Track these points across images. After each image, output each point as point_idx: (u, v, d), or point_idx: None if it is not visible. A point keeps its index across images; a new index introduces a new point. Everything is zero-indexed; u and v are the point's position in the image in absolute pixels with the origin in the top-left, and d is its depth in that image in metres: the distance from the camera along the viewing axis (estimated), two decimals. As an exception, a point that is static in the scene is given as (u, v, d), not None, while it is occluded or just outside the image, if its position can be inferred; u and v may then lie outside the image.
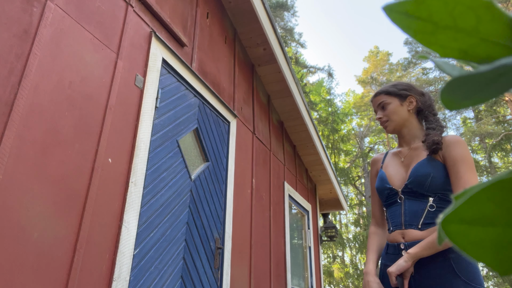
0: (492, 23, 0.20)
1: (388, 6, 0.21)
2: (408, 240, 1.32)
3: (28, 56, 1.51)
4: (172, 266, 2.21)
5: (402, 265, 1.23)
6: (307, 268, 5.36)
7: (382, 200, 1.48)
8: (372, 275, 1.36)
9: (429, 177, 1.31)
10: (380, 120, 1.48)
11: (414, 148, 1.44)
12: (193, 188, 2.59)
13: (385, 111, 1.47)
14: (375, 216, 1.57)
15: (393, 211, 1.41)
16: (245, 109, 3.73)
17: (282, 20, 16.88)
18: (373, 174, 1.61)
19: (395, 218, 1.39)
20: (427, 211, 1.31)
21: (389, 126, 1.47)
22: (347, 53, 58.87)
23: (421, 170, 1.34)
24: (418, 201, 1.34)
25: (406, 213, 1.35)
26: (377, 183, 1.49)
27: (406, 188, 1.37)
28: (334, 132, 16.41)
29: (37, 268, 1.41)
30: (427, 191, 1.32)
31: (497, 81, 0.19)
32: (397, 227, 1.37)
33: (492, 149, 15.43)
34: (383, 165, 1.53)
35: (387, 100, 1.47)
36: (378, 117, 1.48)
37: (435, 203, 1.31)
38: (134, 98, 2.12)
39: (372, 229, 1.55)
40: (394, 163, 1.49)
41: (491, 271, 2.59)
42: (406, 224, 1.34)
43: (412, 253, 1.24)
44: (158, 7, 2.44)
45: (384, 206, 1.50)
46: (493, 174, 14.62)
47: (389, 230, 1.43)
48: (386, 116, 1.46)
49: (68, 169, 1.62)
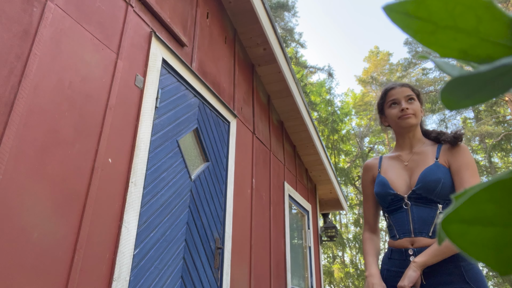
0: (492, 23, 0.20)
1: (388, 6, 0.21)
2: (418, 246, 1.29)
3: (28, 56, 1.51)
4: (172, 266, 2.21)
5: (413, 276, 1.20)
6: (307, 268, 5.36)
7: (384, 206, 1.44)
8: (377, 277, 1.32)
9: (440, 183, 1.29)
10: (406, 111, 1.41)
11: (417, 153, 1.41)
12: (193, 188, 2.59)
13: (412, 105, 1.43)
14: (369, 222, 1.53)
15: (398, 218, 1.36)
16: (245, 109, 3.73)
17: (282, 20, 16.89)
18: (367, 179, 1.55)
19: (403, 225, 1.34)
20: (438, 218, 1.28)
21: (412, 119, 1.41)
22: (347, 53, 58.90)
23: (431, 175, 1.31)
24: (427, 208, 1.30)
25: (415, 220, 1.31)
26: (378, 189, 1.44)
27: (413, 194, 1.33)
28: (334, 132, 16.41)
29: (37, 268, 1.41)
30: (437, 197, 1.29)
31: (497, 81, 0.19)
32: (406, 234, 1.33)
33: (492, 149, 15.44)
34: (380, 170, 1.48)
35: (414, 96, 1.45)
36: (406, 107, 1.41)
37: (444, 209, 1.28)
38: (134, 98, 2.12)
39: (366, 234, 1.51)
40: (394, 167, 1.44)
41: (491, 271, 2.59)
42: (416, 232, 1.30)
43: (419, 262, 1.21)
44: (158, 7, 2.44)
45: (385, 213, 1.45)
46: (493, 174, 14.62)
47: (394, 237, 1.38)
48: (413, 110, 1.42)
49: (68, 169, 1.62)
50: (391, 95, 1.47)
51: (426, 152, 1.39)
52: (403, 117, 1.41)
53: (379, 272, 1.36)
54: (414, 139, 1.45)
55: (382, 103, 1.51)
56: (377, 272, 1.34)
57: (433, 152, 1.38)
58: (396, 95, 1.45)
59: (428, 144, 1.43)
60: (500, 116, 16.18)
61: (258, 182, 3.78)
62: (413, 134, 1.44)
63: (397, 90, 1.46)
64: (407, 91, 1.44)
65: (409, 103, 1.43)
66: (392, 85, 1.49)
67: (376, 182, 1.47)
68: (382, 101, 1.52)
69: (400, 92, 1.45)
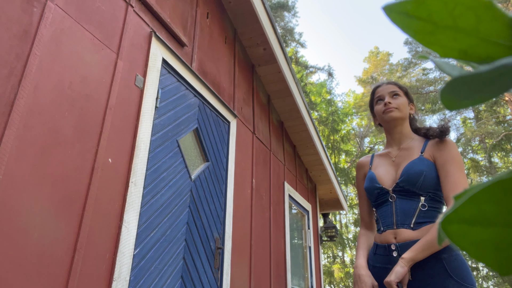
0: (492, 23, 0.20)
1: (388, 6, 0.21)
2: (400, 240, 1.31)
3: (28, 56, 1.51)
4: (172, 266, 2.21)
5: (400, 272, 1.21)
6: (307, 268, 5.36)
7: (372, 200, 1.47)
8: (364, 268, 1.35)
9: (422, 175, 1.31)
10: (389, 105, 1.45)
11: (405, 148, 1.44)
12: (193, 188, 2.59)
13: (396, 100, 1.46)
14: (364, 220, 1.57)
15: (383, 211, 1.40)
16: (245, 109, 3.73)
17: (282, 20, 16.89)
18: (360, 177, 1.60)
19: (386, 217, 1.38)
20: (419, 210, 1.30)
21: (395, 112, 1.44)
22: (347, 53, 58.90)
23: (414, 168, 1.34)
24: (410, 200, 1.33)
25: (398, 212, 1.34)
26: (366, 184, 1.48)
27: (397, 187, 1.37)
28: (334, 132, 16.41)
29: (37, 268, 1.41)
30: (419, 189, 1.32)
31: (497, 81, 0.19)
32: (389, 226, 1.36)
33: (492, 149, 15.43)
34: (371, 167, 1.53)
35: (399, 92, 1.48)
36: (388, 102, 1.45)
37: (426, 202, 1.31)
38: (134, 98, 2.12)
39: (361, 231, 1.55)
40: (383, 163, 1.48)
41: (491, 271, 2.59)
42: (398, 224, 1.33)
43: (407, 258, 1.22)
44: (158, 7, 2.44)
45: (373, 207, 1.49)
46: (493, 174, 14.60)
47: (379, 231, 1.41)
48: (396, 104, 1.45)
49: (68, 169, 1.62)
50: (377, 92, 1.52)
51: (413, 147, 1.42)
52: (386, 111, 1.45)
53: (366, 263, 1.39)
54: (401, 135, 1.47)
55: (372, 101, 1.56)
56: (364, 263, 1.38)
57: (419, 147, 1.41)
58: (381, 92, 1.51)
59: (416, 140, 1.45)
60: (500, 116, 16.17)
61: (258, 182, 3.78)
62: (400, 130, 1.47)
63: (383, 87, 1.51)
64: (392, 88, 1.49)
65: (393, 98, 1.47)
66: (379, 83, 1.54)
67: (366, 178, 1.52)
68: (371, 99, 1.57)
69: (385, 89, 1.50)
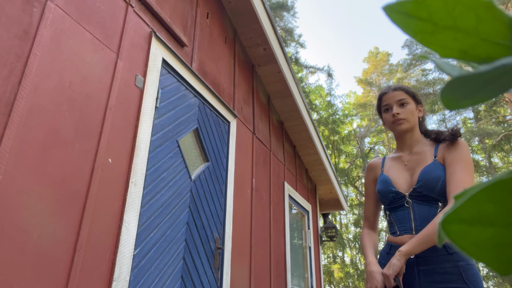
0: (492, 23, 0.20)
1: (388, 6, 0.21)
2: None
3: (28, 56, 1.51)
4: (172, 266, 2.21)
5: (397, 265, 1.24)
6: (307, 268, 5.36)
7: (385, 203, 1.47)
8: (375, 265, 1.35)
9: (440, 180, 1.31)
10: (397, 116, 1.43)
11: (417, 153, 1.44)
12: (193, 188, 2.59)
13: (404, 109, 1.44)
14: (368, 219, 1.58)
15: (400, 215, 1.40)
16: (245, 109, 3.73)
17: (282, 20, 16.88)
18: (370, 179, 1.60)
19: (404, 222, 1.38)
20: None
21: (404, 124, 1.43)
22: (347, 53, 58.88)
23: (430, 173, 1.33)
24: (428, 206, 1.33)
25: (417, 218, 1.35)
26: (380, 186, 1.47)
27: (415, 192, 1.36)
28: (335, 133, 16.40)
29: (37, 268, 1.41)
30: (438, 195, 1.31)
31: (497, 81, 0.19)
32: (407, 231, 1.36)
33: (492, 149, 15.42)
34: (383, 169, 1.52)
35: (407, 99, 1.46)
36: (396, 112, 1.43)
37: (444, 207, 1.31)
38: (134, 98, 2.12)
39: (365, 231, 1.56)
40: (396, 167, 1.48)
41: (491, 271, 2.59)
42: (418, 229, 1.33)
43: (403, 251, 1.25)
44: (158, 7, 2.44)
45: (387, 210, 1.49)
46: (493, 174, 14.60)
47: (394, 234, 1.42)
48: (405, 115, 1.44)
49: (68, 169, 1.62)
50: (384, 100, 1.51)
51: (425, 152, 1.42)
52: (395, 123, 1.45)
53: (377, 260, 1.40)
54: (412, 140, 1.47)
55: (380, 107, 1.55)
56: (375, 260, 1.39)
57: (431, 151, 1.41)
58: (388, 100, 1.49)
59: (427, 144, 1.45)
60: (500, 116, 16.17)
61: (258, 182, 3.78)
62: (410, 136, 1.47)
63: (389, 95, 1.48)
64: (399, 95, 1.46)
65: (401, 108, 1.45)
66: (386, 90, 1.52)
67: (378, 180, 1.51)
68: (379, 105, 1.56)
69: (392, 97, 1.47)
